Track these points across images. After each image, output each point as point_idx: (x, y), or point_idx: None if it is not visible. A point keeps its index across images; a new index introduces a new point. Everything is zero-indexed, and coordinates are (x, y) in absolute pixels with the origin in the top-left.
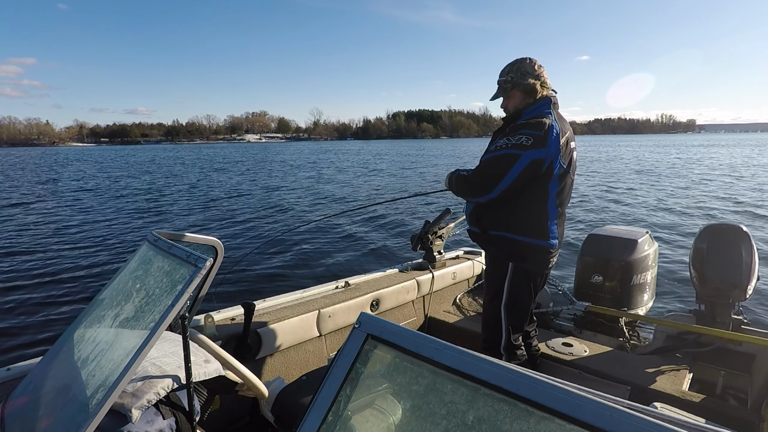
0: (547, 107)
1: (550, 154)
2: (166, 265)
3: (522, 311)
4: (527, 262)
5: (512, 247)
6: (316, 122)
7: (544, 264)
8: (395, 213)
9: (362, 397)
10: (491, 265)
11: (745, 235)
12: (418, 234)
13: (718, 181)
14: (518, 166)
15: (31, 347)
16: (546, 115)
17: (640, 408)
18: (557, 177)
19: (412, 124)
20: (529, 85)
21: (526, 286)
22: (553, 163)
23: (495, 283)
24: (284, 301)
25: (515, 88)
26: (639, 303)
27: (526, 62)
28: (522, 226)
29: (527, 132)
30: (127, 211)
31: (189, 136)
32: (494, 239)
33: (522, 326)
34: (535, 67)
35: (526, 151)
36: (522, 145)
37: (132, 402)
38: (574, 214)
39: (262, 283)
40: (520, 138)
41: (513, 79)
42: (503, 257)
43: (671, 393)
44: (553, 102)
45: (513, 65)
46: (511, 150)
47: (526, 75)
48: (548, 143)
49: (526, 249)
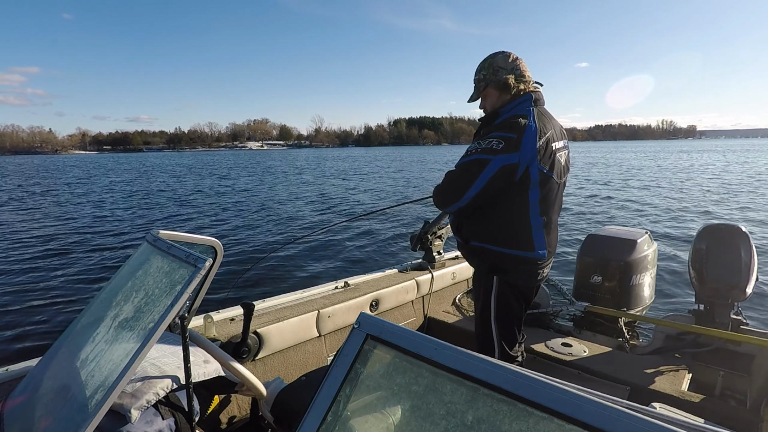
0: (528, 104)
1: (524, 158)
2: (165, 266)
3: (513, 323)
4: (511, 274)
5: (494, 259)
6: (317, 129)
7: (532, 276)
8: (394, 214)
9: (362, 398)
10: (476, 277)
11: (745, 236)
12: (418, 234)
13: (717, 183)
14: (487, 172)
15: (30, 347)
16: (525, 113)
17: (640, 408)
18: (537, 183)
19: (414, 131)
20: (503, 80)
21: (515, 298)
22: (530, 167)
23: (482, 296)
24: (284, 301)
25: (489, 86)
26: (638, 303)
27: (498, 56)
28: (502, 237)
29: (499, 135)
30: (127, 213)
31: (191, 144)
32: (476, 250)
33: (515, 337)
34: (508, 60)
35: (496, 156)
36: (492, 150)
37: (131, 402)
38: (574, 215)
39: (261, 284)
40: (490, 142)
41: (486, 77)
42: (486, 269)
43: (670, 393)
44: (535, 98)
45: (485, 61)
46: (480, 155)
47: (499, 70)
48: (522, 146)
49: (509, 261)
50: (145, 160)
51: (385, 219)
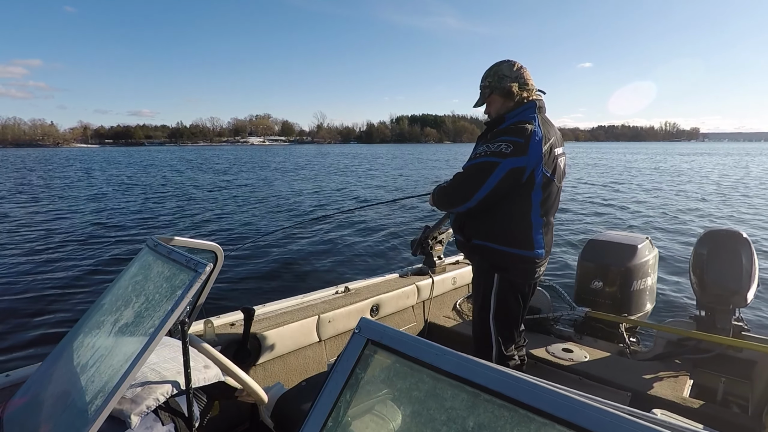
0: (532, 111)
1: (531, 161)
2: (165, 270)
3: (511, 322)
4: (511, 272)
5: (496, 257)
6: (319, 125)
7: (530, 274)
8: (395, 217)
9: (362, 403)
10: (477, 276)
11: (746, 242)
12: (418, 239)
13: (719, 188)
14: (497, 174)
15: (30, 353)
16: (529, 120)
17: (641, 414)
18: (540, 185)
19: (416, 129)
20: (507, 88)
21: (514, 296)
22: (535, 171)
23: (481, 294)
24: (284, 306)
25: (494, 93)
26: (639, 309)
27: (503, 65)
28: (505, 236)
29: (507, 139)
30: (128, 215)
31: (193, 138)
32: (478, 248)
33: (513, 337)
34: (513, 69)
35: (506, 159)
36: (501, 153)
37: (131, 408)
38: (574, 220)
39: (261, 289)
40: (499, 145)
41: (491, 84)
42: (487, 267)
43: (672, 399)
44: (539, 106)
45: (491, 69)
46: (489, 158)
47: (504, 78)
48: (529, 150)
49: (509, 259)
50: (146, 154)
51: (386, 223)
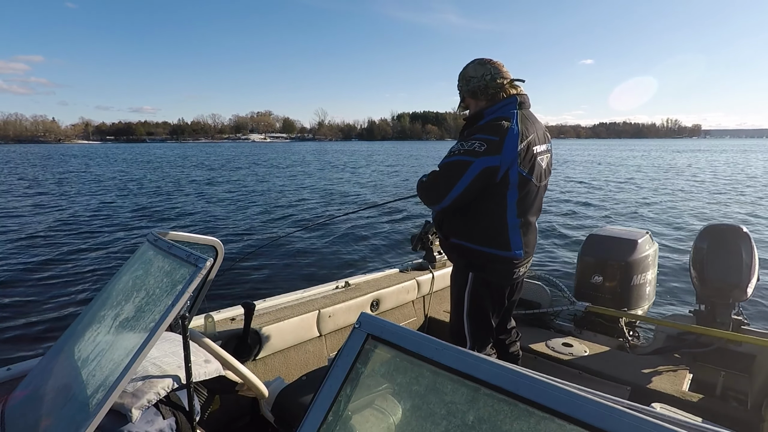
0: (513, 107)
1: (505, 161)
2: (166, 265)
3: (484, 322)
4: (487, 272)
5: (471, 256)
6: (320, 122)
7: (507, 275)
8: (395, 213)
9: (362, 397)
10: (454, 273)
11: (746, 236)
12: (419, 234)
13: (719, 183)
14: (469, 174)
15: (32, 347)
16: (508, 116)
17: (640, 408)
18: (516, 185)
19: (417, 126)
20: (474, 89)
21: (488, 297)
22: (510, 170)
23: (456, 291)
24: (284, 301)
25: (466, 96)
26: (639, 303)
27: (468, 66)
28: (480, 236)
29: (482, 137)
30: (128, 210)
31: (194, 135)
32: (455, 247)
33: (486, 338)
34: (478, 68)
35: (479, 158)
36: (474, 152)
37: (132, 402)
38: (574, 215)
39: (262, 283)
40: (473, 144)
41: (461, 88)
42: (463, 266)
43: (671, 393)
44: (521, 101)
45: (461, 73)
46: (462, 157)
47: (471, 80)
48: (504, 149)
49: (485, 259)
50: (147, 151)
51: (386, 219)
